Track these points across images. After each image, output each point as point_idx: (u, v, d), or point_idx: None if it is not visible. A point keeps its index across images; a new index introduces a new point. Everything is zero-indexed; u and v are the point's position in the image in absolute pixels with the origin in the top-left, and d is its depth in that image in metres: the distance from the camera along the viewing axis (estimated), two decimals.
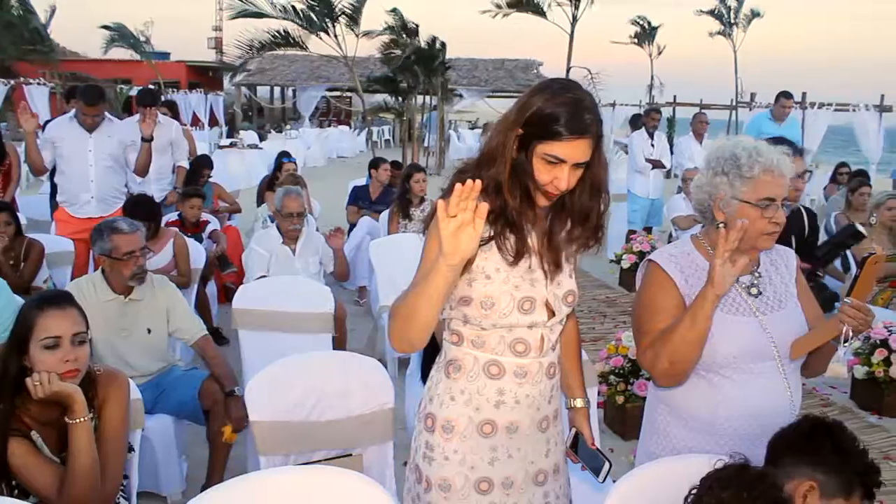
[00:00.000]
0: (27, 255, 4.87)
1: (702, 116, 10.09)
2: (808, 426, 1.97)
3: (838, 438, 1.92)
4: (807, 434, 1.95)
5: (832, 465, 1.88)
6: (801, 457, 1.92)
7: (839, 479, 1.88)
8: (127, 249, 3.57)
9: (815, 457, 1.91)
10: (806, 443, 1.94)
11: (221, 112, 25.71)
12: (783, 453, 1.96)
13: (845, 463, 1.89)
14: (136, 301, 3.63)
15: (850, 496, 1.88)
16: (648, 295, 2.22)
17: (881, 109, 14.10)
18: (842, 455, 1.89)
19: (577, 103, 1.79)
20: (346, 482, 2.01)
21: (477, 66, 29.78)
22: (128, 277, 3.57)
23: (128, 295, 3.62)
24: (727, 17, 26.66)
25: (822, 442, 1.92)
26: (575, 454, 2.18)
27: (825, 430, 1.95)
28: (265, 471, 2.36)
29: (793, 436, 1.97)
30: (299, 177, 7.61)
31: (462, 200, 1.57)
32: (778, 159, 2.11)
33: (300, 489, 2.00)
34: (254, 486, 1.98)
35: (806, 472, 1.89)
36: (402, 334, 1.79)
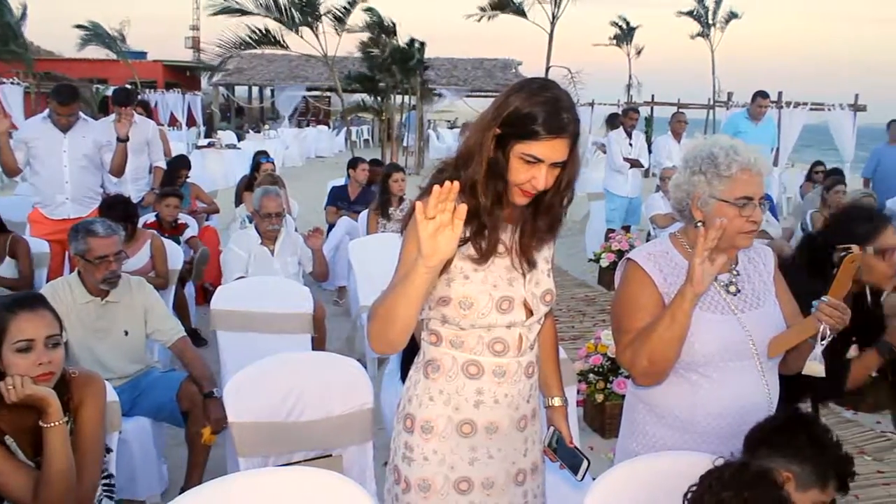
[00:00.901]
0: (13, 252, 4.82)
1: (680, 116, 10.15)
2: (784, 419, 1.99)
3: (813, 431, 1.94)
4: (782, 427, 1.97)
5: (807, 456, 1.90)
6: (777, 449, 1.93)
7: (814, 471, 1.89)
8: (100, 253, 3.53)
9: (791, 449, 1.92)
10: (781, 435, 1.95)
11: (199, 112, 25.54)
12: (759, 446, 1.97)
13: (820, 455, 1.90)
14: (113, 303, 3.60)
15: (825, 487, 1.90)
16: (627, 294, 2.23)
17: (855, 109, 14.23)
18: (817, 447, 1.91)
19: (554, 102, 1.78)
20: (326, 483, 2.00)
21: (456, 65, 29.81)
22: (99, 281, 3.53)
23: (104, 297, 3.58)
24: (705, 18, 26.87)
25: (798, 434, 1.93)
26: (553, 453, 2.18)
27: (800, 423, 1.97)
28: (244, 472, 2.35)
29: (769, 429, 1.99)
30: (277, 177, 7.57)
31: (440, 202, 1.57)
32: (755, 158, 2.13)
33: (279, 490, 1.98)
34: (233, 488, 1.96)
35: (781, 464, 1.91)
36: (381, 335, 1.78)
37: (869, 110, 14.65)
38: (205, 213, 7.82)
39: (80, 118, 5.52)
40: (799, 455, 1.91)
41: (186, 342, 3.69)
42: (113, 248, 3.57)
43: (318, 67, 23.31)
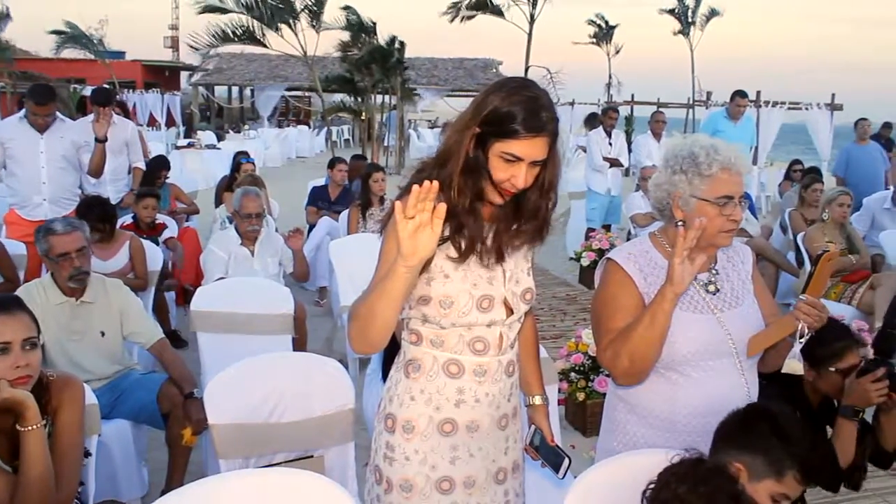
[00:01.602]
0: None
1: (659, 115, 10.21)
2: (744, 413, 1.99)
3: (772, 422, 1.93)
4: (741, 420, 1.97)
5: (759, 447, 1.89)
6: (732, 441, 1.95)
7: (766, 460, 1.89)
8: (61, 251, 3.50)
9: (744, 440, 1.93)
10: (740, 428, 1.96)
11: (178, 112, 25.37)
12: (720, 441, 1.99)
13: (775, 445, 1.89)
14: (88, 303, 3.57)
15: (782, 477, 1.88)
16: (607, 293, 2.23)
17: (832, 108, 14.36)
18: (772, 438, 1.90)
19: (533, 101, 1.79)
20: (307, 484, 2.00)
21: (436, 65, 29.83)
22: (65, 279, 3.50)
23: (79, 297, 3.55)
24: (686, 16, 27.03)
25: (756, 426, 1.93)
26: (535, 451, 2.19)
27: (759, 415, 1.96)
28: (225, 474, 2.33)
29: (729, 422, 1.99)
30: (258, 177, 7.54)
31: (420, 202, 1.57)
32: (735, 157, 2.14)
33: (260, 492, 1.98)
34: (213, 490, 1.95)
35: (734, 456, 1.92)
36: (361, 335, 1.78)
37: (845, 109, 14.78)
38: (184, 213, 7.78)
39: (57, 118, 5.47)
40: (750, 446, 1.91)
41: (165, 344, 3.67)
42: (73, 244, 3.53)
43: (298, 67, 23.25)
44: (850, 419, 2.54)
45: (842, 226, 6.21)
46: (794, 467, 1.88)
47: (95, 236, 4.92)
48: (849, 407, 2.54)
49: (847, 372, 2.57)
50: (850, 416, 2.54)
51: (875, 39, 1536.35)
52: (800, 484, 1.89)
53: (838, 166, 9.54)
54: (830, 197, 6.24)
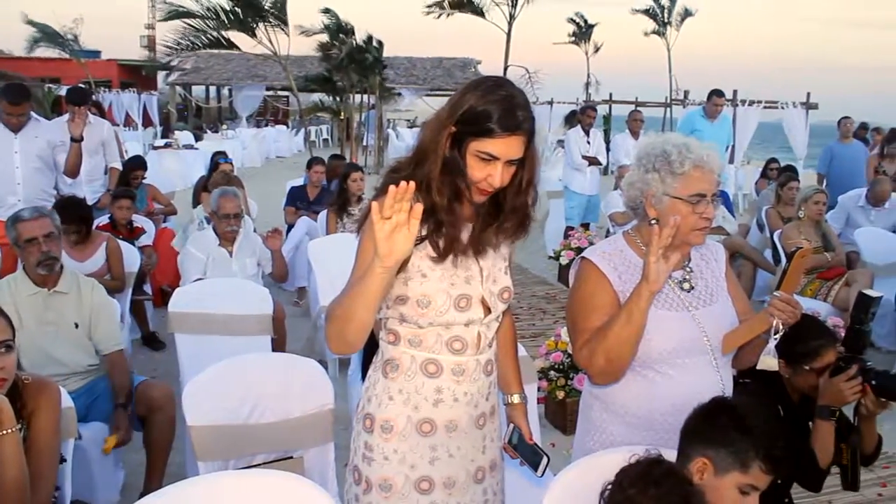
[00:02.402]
0: None
1: (637, 114, 10.27)
2: (707, 407, 1.99)
3: (734, 415, 1.93)
4: (705, 415, 1.98)
5: (723, 440, 1.90)
6: (697, 436, 1.96)
7: (730, 452, 1.89)
8: (28, 236, 3.49)
9: (708, 434, 1.93)
10: (703, 423, 1.97)
11: (155, 112, 25.17)
12: (686, 437, 2.00)
13: (738, 438, 1.89)
14: (61, 294, 3.52)
15: (747, 468, 1.88)
16: (583, 293, 2.24)
17: (807, 107, 14.50)
18: (735, 430, 1.90)
19: (509, 100, 1.79)
20: (286, 485, 1.99)
21: (415, 64, 29.81)
22: (34, 265, 3.48)
23: (51, 287, 3.51)
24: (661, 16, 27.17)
25: (719, 420, 1.94)
26: (514, 450, 2.19)
27: (722, 408, 1.97)
28: (203, 476, 2.32)
29: (694, 419, 2.00)
30: (234, 177, 7.51)
31: (396, 202, 1.56)
32: (707, 154, 2.15)
33: (239, 493, 1.97)
34: (192, 492, 1.94)
35: (700, 450, 1.93)
36: (339, 336, 1.78)
37: (820, 108, 14.93)
38: (162, 214, 7.73)
39: (31, 118, 5.40)
40: (714, 439, 1.91)
41: (122, 356, 3.60)
42: (41, 229, 3.52)
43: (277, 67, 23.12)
44: (827, 419, 2.56)
45: (817, 223, 6.27)
46: (759, 458, 1.88)
47: (72, 237, 4.88)
48: (824, 407, 2.56)
49: (823, 370, 2.59)
50: (827, 417, 2.56)
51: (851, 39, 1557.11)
52: (766, 474, 1.89)
53: (821, 164, 9.63)
54: (806, 195, 6.29)
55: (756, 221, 8.22)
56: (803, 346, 2.62)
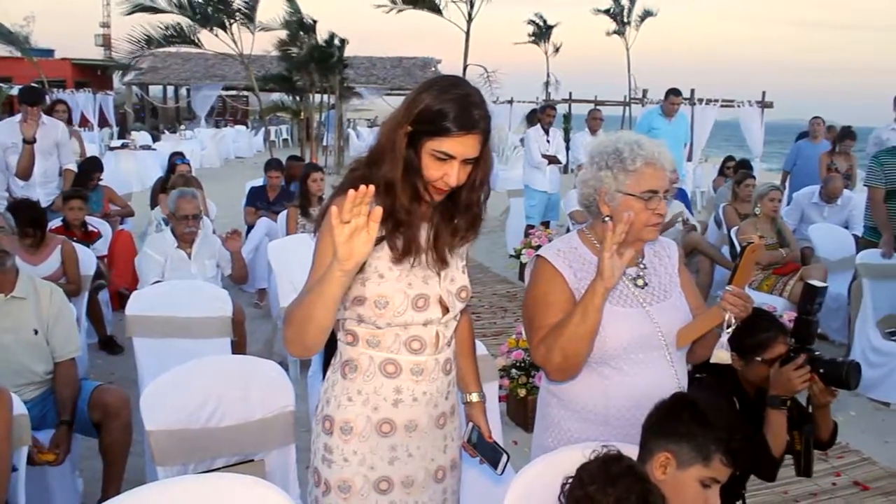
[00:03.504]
0: None
1: (596, 113, 10.35)
2: (668, 403, 2.02)
3: (694, 409, 1.96)
4: (666, 410, 2.01)
5: (684, 434, 1.93)
6: (658, 431, 1.98)
7: (691, 445, 1.92)
8: None
9: (670, 429, 1.96)
10: (665, 418, 1.99)
11: (112, 112, 24.79)
12: (648, 433, 2.02)
13: (699, 431, 1.92)
14: (19, 299, 3.43)
15: (709, 461, 1.91)
16: (538, 290, 2.25)
17: (763, 105, 14.72)
18: (696, 424, 1.93)
19: (465, 99, 1.80)
20: (247, 488, 1.96)
21: (375, 64, 29.72)
22: None
23: (8, 292, 3.42)
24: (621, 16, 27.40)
25: (680, 415, 1.96)
26: (473, 448, 2.20)
27: (683, 404, 1.99)
28: (162, 481, 2.29)
29: (656, 415, 2.03)
30: (193, 178, 7.43)
31: (356, 206, 1.56)
32: (659, 152, 2.18)
33: (199, 498, 1.94)
34: (150, 498, 1.91)
35: (662, 445, 1.95)
36: (297, 339, 1.77)
37: (775, 107, 15.17)
38: (119, 216, 7.61)
39: None
40: (675, 434, 1.94)
41: (73, 366, 3.52)
42: None
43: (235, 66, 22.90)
44: (778, 409, 2.60)
45: (773, 220, 6.38)
46: (719, 451, 1.91)
47: (26, 241, 4.79)
48: (776, 397, 2.60)
49: (774, 361, 2.64)
50: (778, 406, 2.60)
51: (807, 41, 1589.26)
52: (727, 467, 1.92)
53: (787, 162, 9.80)
54: (762, 192, 6.40)
55: (714, 218, 8.33)
56: (754, 339, 2.67)
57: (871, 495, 4.04)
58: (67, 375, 3.46)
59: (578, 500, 1.85)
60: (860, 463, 4.42)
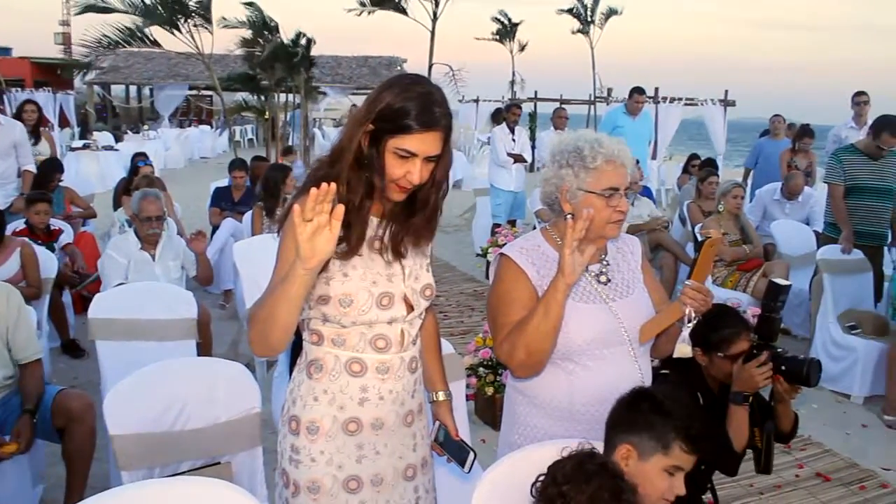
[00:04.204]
0: None
1: (562, 111, 10.42)
2: (627, 397, 2.04)
3: (652, 400, 1.99)
4: (626, 404, 2.03)
5: (641, 424, 1.95)
6: (619, 425, 2.01)
7: (650, 435, 1.94)
8: None
9: (629, 422, 1.98)
10: (625, 412, 2.02)
11: (72, 112, 24.39)
12: (610, 428, 2.04)
13: (657, 421, 1.94)
14: None
15: (669, 450, 1.93)
16: (502, 288, 2.26)
17: (725, 104, 14.91)
18: (654, 414, 1.95)
19: (426, 97, 1.80)
20: (214, 492, 1.94)
21: (340, 63, 29.60)
22: None
23: None
24: (585, 15, 27.56)
25: (639, 407, 1.99)
26: (440, 447, 2.20)
27: (641, 397, 2.02)
28: (126, 486, 2.26)
29: (617, 409, 2.05)
30: (156, 179, 7.35)
31: (318, 204, 1.56)
32: (619, 149, 2.20)
33: (165, 502, 1.92)
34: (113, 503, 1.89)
35: (623, 438, 1.97)
36: (261, 339, 1.77)
37: (738, 105, 15.37)
38: (80, 218, 7.50)
39: None
40: (635, 426, 1.96)
41: (39, 366, 3.46)
42: None
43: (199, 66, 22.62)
44: (741, 404, 2.65)
45: (736, 217, 6.46)
46: (679, 438, 1.93)
47: None
48: (738, 393, 2.64)
49: (737, 358, 2.68)
50: (740, 402, 2.64)
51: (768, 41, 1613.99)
52: (688, 454, 1.94)
53: (750, 159, 9.93)
54: (725, 189, 6.48)
55: (678, 216, 8.42)
56: (717, 335, 2.71)
57: (832, 486, 4.12)
58: (31, 375, 3.41)
59: (552, 498, 1.85)
60: (822, 455, 4.50)
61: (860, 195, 5.79)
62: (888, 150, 5.74)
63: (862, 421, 5.06)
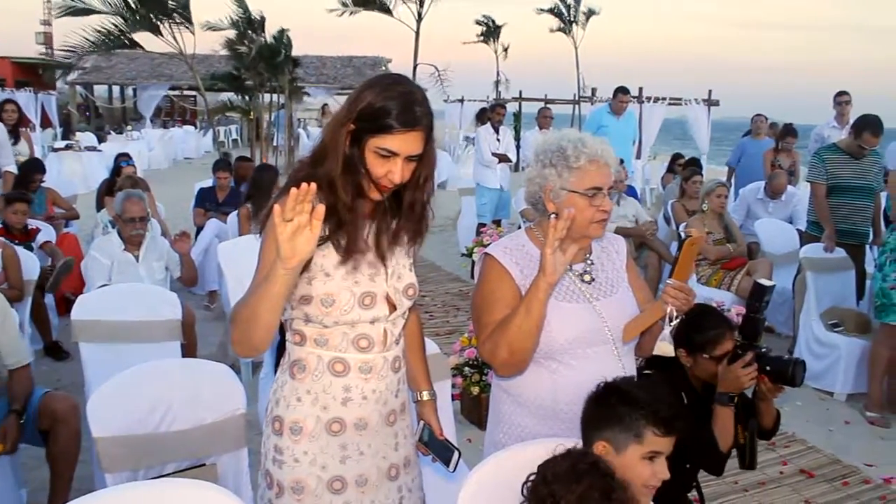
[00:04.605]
0: None
1: (546, 111, 10.44)
2: (595, 394, 2.04)
3: (622, 391, 1.98)
4: (595, 401, 2.03)
5: (611, 418, 1.95)
6: (592, 422, 2.01)
7: (622, 427, 1.94)
8: None
9: (600, 418, 1.98)
10: (595, 409, 2.02)
11: (55, 112, 24.17)
12: (584, 428, 2.04)
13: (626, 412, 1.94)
14: None
15: (642, 438, 1.93)
16: (486, 287, 2.27)
17: (709, 103, 14.99)
18: (623, 405, 1.95)
19: (407, 96, 1.81)
20: (199, 494, 1.93)
21: (325, 63, 29.50)
22: None
23: None
24: (566, 14, 27.61)
25: (607, 401, 1.99)
26: (425, 446, 2.20)
27: (609, 391, 2.01)
28: (110, 489, 2.24)
29: (588, 408, 2.05)
30: (140, 180, 7.31)
31: (298, 204, 1.56)
32: (602, 149, 2.21)
33: None
34: None
35: (597, 435, 1.97)
36: (244, 339, 1.76)
37: (721, 105, 15.46)
38: (63, 219, 7.44)
39: None
40: (607, 420, 1.96)
41: (27, 372, 3.41)
42: None
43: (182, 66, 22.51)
44: (726, 405, 2.66)
45: (720, 216, 6.50)
46: (649, 424, 1.93)
47: None
48: (724, 394, 2.66)
49: (721, 358, 2.69)
50: (726, 403, 2.66)
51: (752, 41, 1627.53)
52: (663, 437, 1.93)
53: (732, 158, 9.99)
54: (709, 188, 6.52)
55: (663, 215, 8.46)
56: (702, 336, 2.72)
57: (816, 482, 4.16)
58: (20, 380, 3.36)
59: (542, 497, 1.84)
60: (805, 451, 4.53)
61: (842, 194, 5.83)
62: (870, 149, 5.79)
63: (845, 418, 5.10)
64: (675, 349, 2.38)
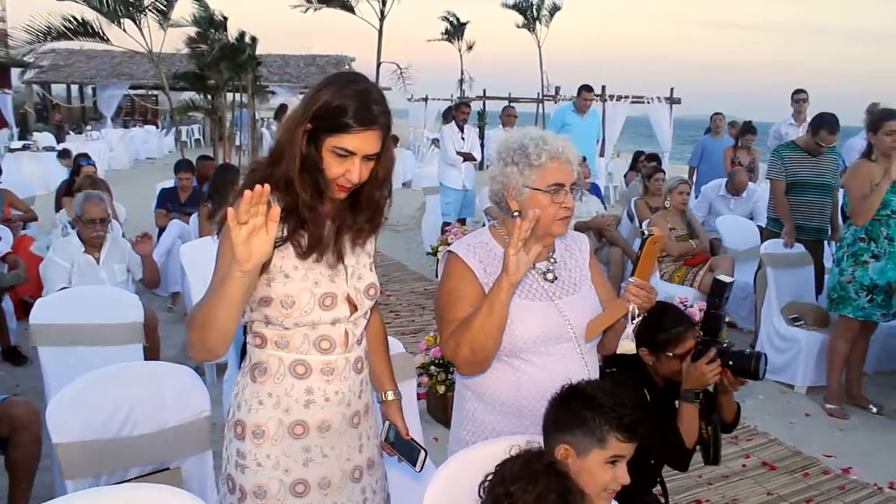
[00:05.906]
0: None
1: (510, 109, 10.47)
2: (558, 396, 2.04)
3: (585, 395, 1.98)
4: (558, 403, 2.03)
5: (574, 422, 1.95)
6: (554, 425, 2.01)
7: (584, 431, 1.93)
8: None
9: (562, 421, 1.98)
10: (559, 411, 2.02)
11: (10, 112, 23.70)
12: (546, 429, 2.03)
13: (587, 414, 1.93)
14: None
15: (604, 442, 1.92)
16: (449, 285, 2.27)
17: (671, 102, 15.16)
18: (586, 410, 1.94)
19: (364, 95, 1.80)
20: (162, 498, 1.90)
21: (288, 62, 29.32)
22: None
23: None
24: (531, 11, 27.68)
25: (570, 405, 1.99)
26: (391, 447, 2.20)
27: (572, 394, 2.01)
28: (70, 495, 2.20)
29: (550, 410, 2.05)
30: (100, 180, 7.21)
31: (252, 206, 1.54)
32: (563, 146, 2.22)
33: None
34: None
35: (559, 438, 1.97)
36: (201, 343, 1.74)
37: (683, 103, 15.63)
38: (21, 221, 7.31)
39: None
40: (569, 423, 1.96)
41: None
42: None
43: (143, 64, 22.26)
44: (691, 402, 2.69)
45: (682, 212, 6.57)
46: (612, 430, 1.93)
47: None
48: (688, 390, 2.69)
49: (685, 355, 2.72)
50: (691, 400, 2.69)
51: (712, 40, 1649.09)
52: (626, 442, 1.94)
53: (693, 157, 10.10)
54: (671, 186, 6.59)
55: (626, 212, 8.53)
56: (665, 335, 2.75)
57: (777, 474, 4.22)
58: None
59: (499, 498, 1.85)
60: (767, 444, 4.61)
61: (801, 191, 5.92)
62: (826, 146, 5.88)
63: (805, 410, 5.19)
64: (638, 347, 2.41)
